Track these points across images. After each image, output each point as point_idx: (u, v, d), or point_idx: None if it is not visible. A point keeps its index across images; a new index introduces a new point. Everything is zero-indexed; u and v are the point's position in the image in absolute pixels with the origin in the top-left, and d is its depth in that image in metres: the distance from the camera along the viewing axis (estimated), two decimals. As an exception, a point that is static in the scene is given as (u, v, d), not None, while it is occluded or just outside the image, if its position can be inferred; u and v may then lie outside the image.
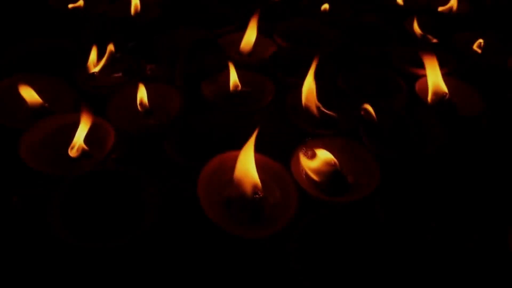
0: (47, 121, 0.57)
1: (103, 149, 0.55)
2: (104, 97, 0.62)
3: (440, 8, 0.92)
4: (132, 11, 0.81)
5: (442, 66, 0.74)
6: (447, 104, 0.66)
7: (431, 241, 0.46)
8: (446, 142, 0.56)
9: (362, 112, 0.59)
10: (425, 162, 0.54)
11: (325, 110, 0.61)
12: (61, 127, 0.57)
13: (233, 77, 0.64)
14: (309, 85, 0.60)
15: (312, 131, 0.58)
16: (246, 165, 0.48)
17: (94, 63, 0.67)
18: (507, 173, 0.56)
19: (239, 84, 0.64)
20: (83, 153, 0.55)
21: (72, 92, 0.63)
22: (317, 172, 0.52)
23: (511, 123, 0.63)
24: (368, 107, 0.58)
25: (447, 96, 0.65)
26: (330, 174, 0.52)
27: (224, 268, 0.46)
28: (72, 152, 0.54)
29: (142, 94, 0.60)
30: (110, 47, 0.68)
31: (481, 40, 0.80)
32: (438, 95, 0.66)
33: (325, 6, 0.90)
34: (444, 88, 0.65)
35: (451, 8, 0.91)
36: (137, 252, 0.47)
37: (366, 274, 0.44)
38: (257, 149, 0.54)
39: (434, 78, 0.65)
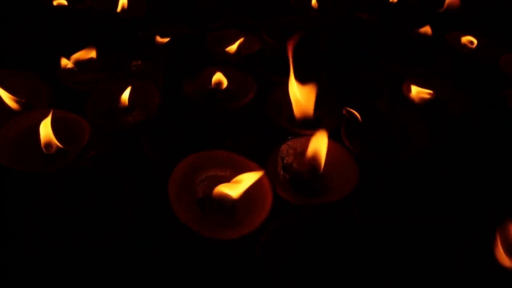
0: (22, 118, 0.56)
1: (79, 146, 0.54)
2: (85, 93, 0.61)
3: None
4: (119, 7, 0.79)
5: (433, 65, 0.73)
6: (436, 104, 0.65)
7: (409, 244, 0.45)
8: (429, 144, 0.55)
9: (344, 112, 0.58)
10: (407, 164, 0.53)
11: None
12: (36, 124, 0.56)
13: (217, 76, 0.63)
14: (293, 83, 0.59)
15: (292, 130, 0.57)
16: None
17: (75, 59, 0.66)
18: (491, 176, 0.55)
19: (224, 82, 0.63)
20: (58, 150, 0.54)
21: (51, 88, 0.62)
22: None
23: (501, 123, 0.62)
24: (350, 109, 0.57)
25: (432, 96, 0.64)
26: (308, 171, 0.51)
27: (194, 268, 0.45)
28: (46, 149, 0.53)
29: (126, 91, 0.59)
30: (92, 49, 0.67)
31: (473, 39, 0.79)
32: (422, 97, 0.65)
33: (314, 2, 0.88)
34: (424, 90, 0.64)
35: (445, 7, 0.90)
36: (110, 251, 0.46)
37: (337, 276, 0.42)
38: (235, 148, 0.53)
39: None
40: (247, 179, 0.45)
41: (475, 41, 0.78)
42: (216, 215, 0.47)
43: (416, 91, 0.64)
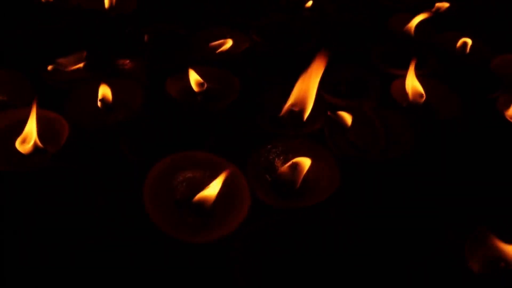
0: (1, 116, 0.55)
1: (58, 145, 0.54)
2: (68, 92, 0.60)
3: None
4: (106, 4, 0.79)
5: (422, 66, 0.72)
6: (424, 107, 0.64)
7: (386, 249, 0.44)
8: (412, 148, 0.54)
9: (329, 113, 0.57)
10: (389, 167, 0.52)
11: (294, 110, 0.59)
12: (16, 122, 0.55)
13: (194, 78, 0.62)
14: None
15: (275, 131, 0.56)
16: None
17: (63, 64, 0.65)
18: (473, 180, 0.54)
19: (204, 83, 0.62)
20: (36, 149, 0.53)
21: (33, 86, 0.61)
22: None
23: (487, 127, 0.61)
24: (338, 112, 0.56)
25: (424, 98, 0.63)
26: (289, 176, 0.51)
27: (167, 272, 0.44)
28: (23, 148, 0.52)
29: (103, 90, 0.58)
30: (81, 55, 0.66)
31: (467, 40, 0.77)
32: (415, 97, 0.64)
33: (309, 3, 0.87)
34: (420, 90, 0.63)
35: (437, 8, 0.89)
36: (82, 252, 0.45)
37: (311, 281, 0.42)
38: (216, 149, 0.52)
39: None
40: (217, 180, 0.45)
41: (468, 42, 0.77)
42: (193, 218, 0.46)
43: (412, 91, 0.63)
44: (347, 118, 0.57)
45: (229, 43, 0.71)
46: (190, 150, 0.51)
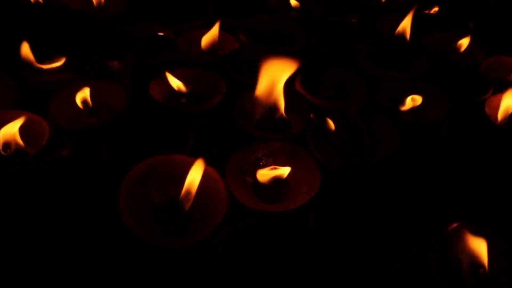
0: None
1: (38, 147, 0.53)
2: (51, 93, 0.60)
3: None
4: (94, 4, 0.78)
5: (412, 68, 0.71)
6: (411, 111, 0.63)
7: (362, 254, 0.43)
8: (396, 151, 0.53)
9: (312, 116, 0.56)
10: (371, 172, 0.51)
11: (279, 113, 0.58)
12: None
13: (174, 83, 0.61)
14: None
15: (258, 134, 0.56)
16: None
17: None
18: (454, 184, 0.53)
19: (183, 88, 0.62)
20: (17, 151, 0.53)
21: (17, 87, 0.61)
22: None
23: (474, 130, 0.60)
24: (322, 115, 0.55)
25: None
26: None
27: (143, 277, 0.44)
28: (4, 149, 0.52)
29: (84, 92, 0.58)
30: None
31: (461, 41, 0.76)
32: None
33: (295, 3, 0.86)
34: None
35: (429, 9, 0.88)
36: (60, 256, 0.45)
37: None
38: (197, 152, 0.52)
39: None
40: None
41: (463, 44, 0.76)
42: (169, 222, 0.46)
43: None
44: (331, 121, 0.57)
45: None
46: (170, 153, 0.51)
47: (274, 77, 0.53)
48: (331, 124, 0.56)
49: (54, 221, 0.47)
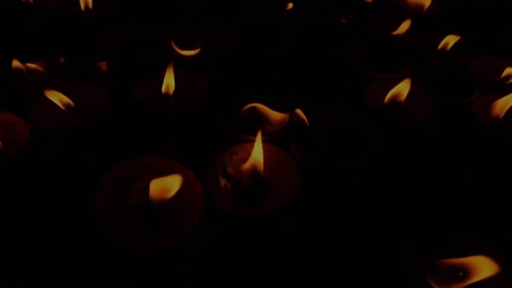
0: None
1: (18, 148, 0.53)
2: (35, 95, 0.60)
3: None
4: (82, 6, 0.78)
5: (400, 68, 0.70)
6: (398, 112, 0.62)
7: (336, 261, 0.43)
8: (378, 152, 0.53)
9: (294, 117, 0.56)
10: (351, 174, 0.51)
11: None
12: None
13: (168, 80, 0.61)
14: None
15: (239, 136, 0.55)
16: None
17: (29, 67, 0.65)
18: (441, 188, 0.53)
19: (173, 87, 0.61)
20: (-3, 152, 0.53)
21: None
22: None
23: (460, 131, 0.59)
24: (299, 112, 0.55)
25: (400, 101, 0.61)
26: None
27: (118, 279, 0.44)
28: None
29: (59, 95, 0.58)
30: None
31: (448, 40, 0.75)
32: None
33: (290, 4, 0.86)
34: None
35: (421, 8, 0.87)
36: (31, 259, 0.45)
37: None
38: (176, 154, 0.52)
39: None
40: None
41: (448, 44, 0.75)
42: (146, 224, 0.46)
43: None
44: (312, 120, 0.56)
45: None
46: (150, 155, 0.50)
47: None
48: (313, 124, 0.55)
49: (32, 222, 0.47)
